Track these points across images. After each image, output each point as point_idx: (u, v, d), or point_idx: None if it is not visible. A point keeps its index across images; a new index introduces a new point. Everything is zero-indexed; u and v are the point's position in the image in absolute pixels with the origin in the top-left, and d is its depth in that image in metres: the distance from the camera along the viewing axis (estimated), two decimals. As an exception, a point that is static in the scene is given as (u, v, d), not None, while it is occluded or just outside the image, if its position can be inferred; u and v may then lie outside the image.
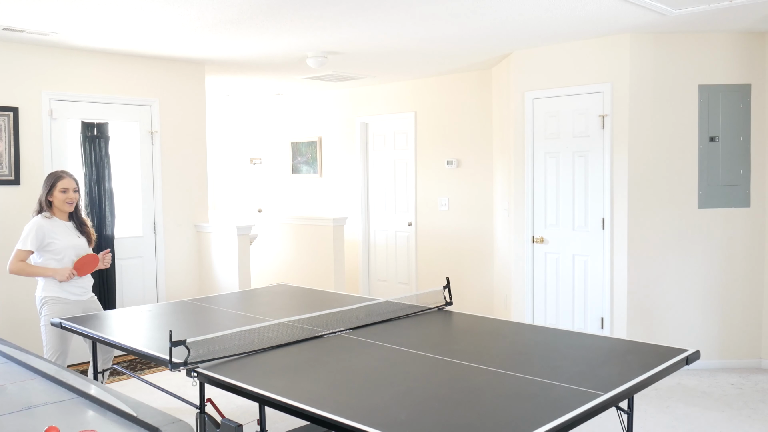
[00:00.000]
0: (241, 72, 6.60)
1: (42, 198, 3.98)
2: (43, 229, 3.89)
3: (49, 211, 3.97)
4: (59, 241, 3.94)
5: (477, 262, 6.79)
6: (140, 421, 1.84)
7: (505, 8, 4.27)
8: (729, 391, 4.63)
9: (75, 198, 4.01)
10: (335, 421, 2.04)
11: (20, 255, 3.88)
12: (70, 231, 4.03)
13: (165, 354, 2.73)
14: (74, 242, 4.02)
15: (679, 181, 5.09)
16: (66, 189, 3.96)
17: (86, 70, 5.47)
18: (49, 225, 3.93)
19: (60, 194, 3.95)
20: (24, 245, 3.88)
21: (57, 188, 3.95)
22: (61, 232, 3.97)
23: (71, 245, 4.00)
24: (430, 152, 7.14)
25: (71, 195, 3.97)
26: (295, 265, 6.97)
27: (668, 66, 5.05)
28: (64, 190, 3.95)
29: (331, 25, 4.67)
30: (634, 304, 5.11)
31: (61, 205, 3.96)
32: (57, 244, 3.93)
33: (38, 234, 3.88)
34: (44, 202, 3.96)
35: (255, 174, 9.04)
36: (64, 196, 3.95)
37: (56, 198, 3.95)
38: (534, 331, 3.27)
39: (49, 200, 3.96)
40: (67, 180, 3.98)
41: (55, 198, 3.95)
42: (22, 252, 3.88)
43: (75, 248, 4.02)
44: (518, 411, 2.13)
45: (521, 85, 5.64)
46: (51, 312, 3.90)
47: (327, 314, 3.48)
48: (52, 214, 3.97)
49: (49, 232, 3.91)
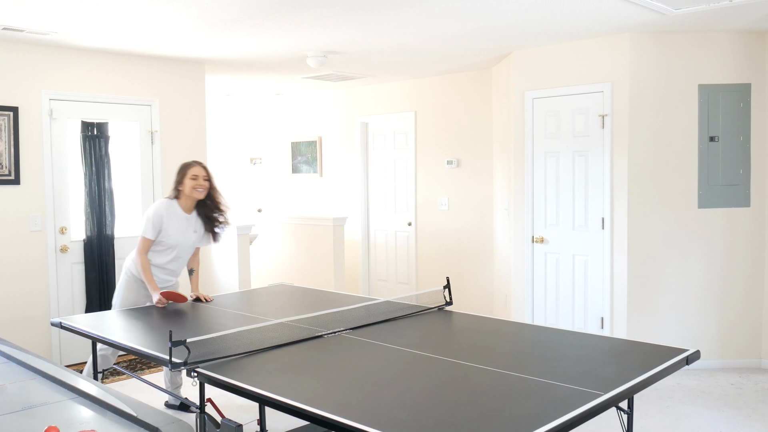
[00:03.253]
0: (241, 72, 6.60)
1: (174, 186, 4.02)
2: (160, 216, 3.89)
3: (177, 199, 3.97)
4: (169, 234, 3.92)
5: (477, 261, 6.79)
6: (140, 421, 1.85)
7: (505, 8, 4.27)
8: (729, 391, 4.63)
9: (206, 186, 3.98)
10: (335, 421, 2.04)
11: (145, 244, 3.90)
12: (186, 224, 3.99)
13: (165, 354, 2.73)
14: (183, 240, 3.99)
15: (679, 180, 5.09)
16: (196, 176, 3.95)
17: (86, 70, 5.47)
18: (167, 213, 3.92)
19: (190, 181, 3.94)
20: (146, 233, 3.91)
21: (187, 176, 3.95)
22: (175, 224, 3.94)
23: (179, 244, 3.98)
24: (430, 152, 7.14)
25: (201, 182, 3.95)
26: (295, 265, 6.97)
27: (668, 66, 5.06)
28: (195, 177, 3.94)
29: (331, 25, 4.67)
30: (634, 304, 5.11)
31: (190, 192, 3.94)
32: (166, 238, 3.92)
33: (156, 221, 3.88)
34: (174, 191, 3.98)
35: (255, 174, 9.04)
36: (194, 182, 3.94)
37: (186, 185, 3.95)
38: (534, 331, 3.27)
39: (179, 189, 3.96)
40: (198, 167, 3.99)
41: (184, 186, 3.95)
42: (146, 240, 3.90)
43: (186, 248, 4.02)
44: (518, 411, 2.13)
45: (521, 84, 5.64)
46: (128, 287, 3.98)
47: (327, 314, 3.48)
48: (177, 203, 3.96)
49: (165, 219, 3.90)
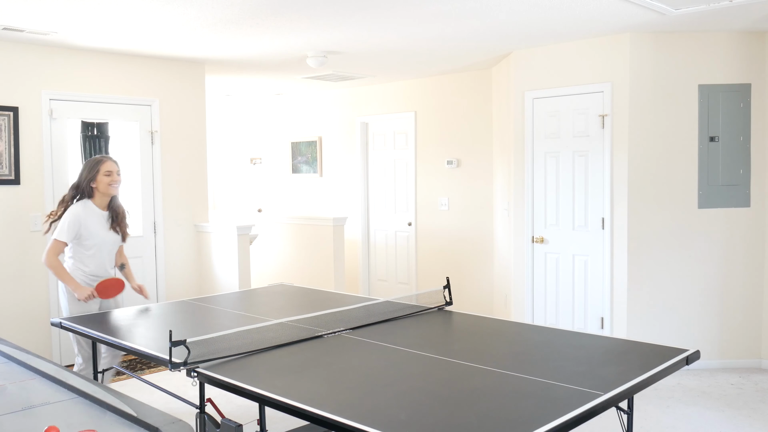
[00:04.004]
0: (241, 72, 6.60)
1: (82, 183, 3.84)
2: (78, 218, 3.77)
3: (90, 198, 3.85)
4: (93, 234, 3.82)
5: (477, 262, 6.79)
6: (140, 421, 1.85)
7: (505, 8, 4.27)
8: (729, 391, 4.63)
9: (119, 180, 3.90)
10: (335, 421, 2.04)
11: (56, 246, 3.77)
12: (104, 222, 3.89)
13: (165, 354, 2.73)
14: (109, 237, 3.90)
15: (679, 180, 5.09)
16: (110, 172, 3.85)
17: (86, 70, 5.47)
18: (84, 213, 3.80)
19: (104, 177, 3.83)
20: (60, 235, 3.75)
21: (101, 172, 3.83)
22: (96, 223, 3.84)
23: (106, 240, 3.88)
24: (430, 152, 7.14)
25: (115, 177, 3.88)
26: (295, 265, 6.97)
27: (668, 66, 5.05)
28: (108, 173, 3.85)
29: (331, 25, 4.67)
30: (634, 304, 5.11)
31: (105, 189, 3.84)
32: (90, 238, 3.81)
33: (74, 224, 3.75)
34: (85, 188, 3.84)
35: (255, 174, 9.04)
36: (108, 179, 3.85)
37: (100, 182, 3.83)
38: (534, 331, 3.26)
39: (92, 186, 3.84)
40: (110, 162, 3.88)
41: (99, 182, 3.83)
42: (57, 243, 3.76)
43: (110, 245, 3.91)
44: (518, 411, 2.13)
45: (521, 84, 5.64)
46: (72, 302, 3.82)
47: (327, 314, 3.48)
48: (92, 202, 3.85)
49: (84, 221, 3.79)
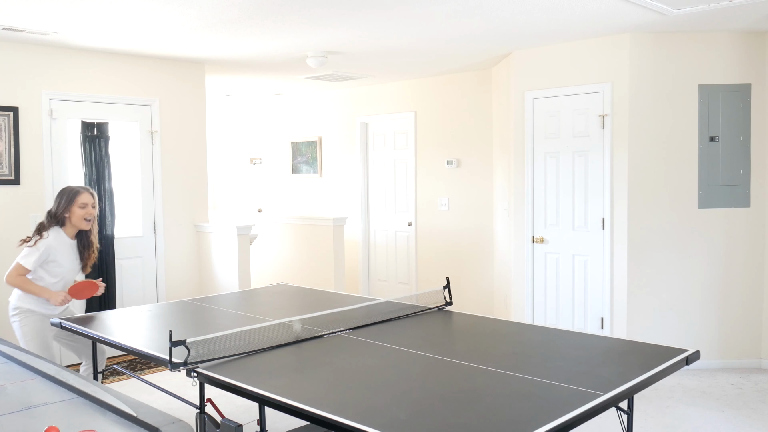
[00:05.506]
0: (241, 72, 6.60)
1: (58, 212, 3.79)
2: (49, 250, 3.73)
3: (62, 227, 3.80)
4: (61, 265, 3.79)
5: (477, 262, 6.79)
6: (140, 421, 1.85)
7: (505, 8, 4.27)
8: (729, 391, 4.63)
9: (94, 214, 3.85)
10: (335, 421, 2.04)
11: (20, 270, 3.71)
12: (71, 252, 3.86)
13: (165, 354, 2.73)
14: (73, 267, 3.88)
15: (679, 181, 5.09)
16: (85, 204, 3.79)
17: (86, 70, 5.47)
18: (55, 243, 3.76)
19: (79, 210, 3.77)
20: (26, 263, 3.70)
21: (76, 203, 3.77)
22: (65, 253, 3.81)
23: (70, 271, 3.86)
24: (430, 152, 7.14)
25: (90, 210, 3.81)
26: (295, 265, 6.97)
27: (668, 66, 5.05)
28: (83, 205, 3.79)
29: (331, 25, 4.67)
30: (634, 304, 5.11)
31: (78, 222, 3.79)
32: (58, 268, 3.78)
33: (43, 255, 3.71)
34: (59, 217, 3.79)
35: (255, 174, 9.04)
36: (83, 212, 3.78)
37: (74, 214, 3.77)
38: (534, 331, 3.27)
39: (66, 216, 3.78)
40: (86, 195, 3.81)
41: (73, 214, 3.77)
42: (22, 268, 3.71)
43: (73, 273, 3.89)
44: (518, 411, 2.13)
45: (521, 84, 5.64)
46: (25, 323, 3.74)
47: (327, 314, 3.48)
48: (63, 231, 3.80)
49: (55, 251, 3.75)
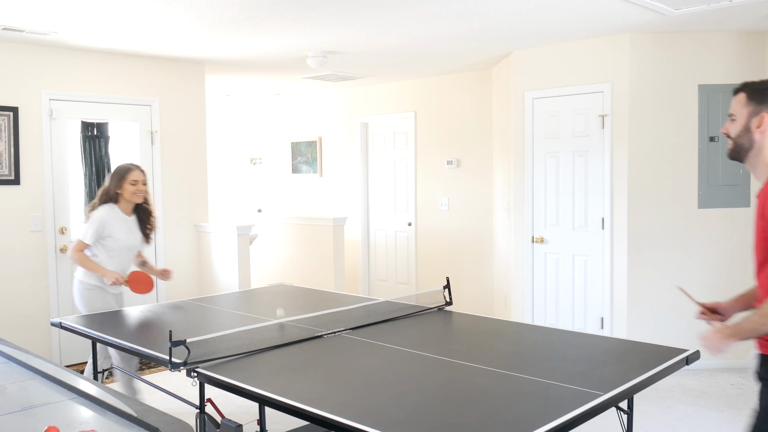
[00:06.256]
0: (241, 72, 6.60)
1: (110, 190, 4.01)
2: (102, 222, 3.94)
3: (116, 203, 4.01)
4: (117, 239, 3.99)
5: (477, 262, 6.79)
6: (140, 421, 1.85)
7: (505, 8, 4.27)
8: (729, 391, 4.63)
9: (144, 190, 4.06)
10: (335, 421, 2.04)
11: (80, 246, 3.96)
12: (129, 227, 4.06)
13: (165, 354, 2.73)
14: (130, 242, 4.07)
15: (679, 180, 5.09)
16: (136, 181, 4.00)
17: (86, 70, 5.47)
18: (108, 217, 3.97)
19: (130, 186, 3.99)
20: (84, 237, 3.95)
21: (127, 180, 3.99)
22: (121, 228, 4.01)
23: (127, 246, 4.05)
24: (430, 152, 7.14)
25: (141, 187, 4.02)
26: (295, 265, 6.97)
27: (668, 66, 5.05)
28: (134, 182, 4.00)
29: (331, 25, 4.67)
30: (634, 304, 5.11)
31: (130, 197, 4.00)
32: (113, 242, 3.98)
33: (99, 228, 3.93)
34: (112, 194, 4.01)
35: (255, 174, 9.04)
36: (134, 188, 4.00)
37: (126, 190, 3.99)
38: (534, 331, 3.27)
39: (118, 192, 4.00)
40: (137, 172, 4.03)
41: (124, 190, 3.99)
42: (81, 243, 3.95)
43: (130, 249, 4.09)
44: (518, 411, 2.13)
45: (521, 85, 5.64)
46: (86, 296, 3.99)
47: (327, 314, 3.48)
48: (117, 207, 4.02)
49: (109, 225, 3.96)
